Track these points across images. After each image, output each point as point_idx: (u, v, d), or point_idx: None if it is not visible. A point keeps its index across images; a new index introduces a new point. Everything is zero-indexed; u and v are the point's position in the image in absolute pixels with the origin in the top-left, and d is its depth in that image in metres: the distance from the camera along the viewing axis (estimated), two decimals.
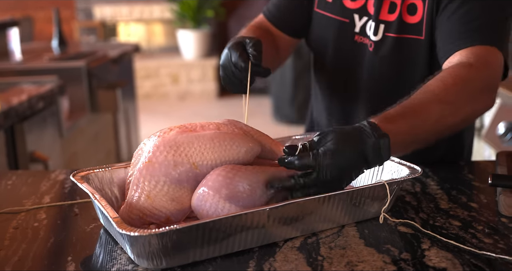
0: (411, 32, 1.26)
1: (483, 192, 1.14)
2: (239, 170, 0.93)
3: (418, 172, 1.02)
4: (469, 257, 0.87)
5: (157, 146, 0.93)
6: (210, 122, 1.01)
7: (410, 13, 1.26)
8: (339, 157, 0.91)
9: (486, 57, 1.15)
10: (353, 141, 0.94)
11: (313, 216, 0.94)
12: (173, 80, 7.25)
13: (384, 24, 1.28)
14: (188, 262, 0.86)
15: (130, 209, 0.92)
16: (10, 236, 0.98)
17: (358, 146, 0.93)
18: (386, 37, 1.27)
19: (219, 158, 0.95)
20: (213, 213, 0.90)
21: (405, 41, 1.26)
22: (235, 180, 0.91)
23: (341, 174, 0.92)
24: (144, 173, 0.91)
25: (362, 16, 1.31)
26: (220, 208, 0.90)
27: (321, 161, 0.91)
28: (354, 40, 1.33)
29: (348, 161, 0.92)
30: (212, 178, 0.91)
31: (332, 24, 1.35)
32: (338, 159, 0.91)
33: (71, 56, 3.35)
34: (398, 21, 1.26)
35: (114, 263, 0.87)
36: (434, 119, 1.05)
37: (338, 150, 0.91)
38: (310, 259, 0.87)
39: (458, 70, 1.12)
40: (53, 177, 1.28)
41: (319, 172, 0.91)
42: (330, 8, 1.35)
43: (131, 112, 3.98)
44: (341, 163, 0.91)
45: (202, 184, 0.92)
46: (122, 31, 7.89)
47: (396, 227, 0.98)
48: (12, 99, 2.15)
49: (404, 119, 1.02)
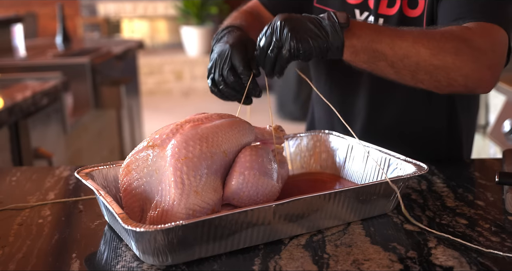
0: (411, 25, 1.24)
1: (489, 190, 1.13)
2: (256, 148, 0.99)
3: (424, 169, 1.01)
4: (476, 256, 0.86)
5: (184, 141, 0.92)
6: (208, 114, 1.01)
7: (411, 7, 1.24)
8: (297, 25, 0.98)
9: (488, 30, 1.08)
10: (309, 17, 1.01)
11: (319, 213, 0.94)
12: (176, 77, 7.25)
13: (384, 18, 1.27)
14: (193, 259, 0.86)
15: (176, 210, 0.88)
16: (15, 232, 0.98)
17: (314, 20, 1.00)
18: None
19: (239, 142, 0.98)
20: (254, 192, 0.94)
21: None
22: (262, 156, 0.97)
23: (300, 35, 0.98)
24: (185, 170, 0.89)
25: (363, 12, 1.30)
26: (260, 185, 0.95)
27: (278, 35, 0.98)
28: None
29: (305, 28, 0.98)
30: (246, 159, 0.95)
31: None
32: (295, 27, 0.98)
33: (75, 52, 3.35)
34: (399, 15, 1.25)
35: (119, 260, 0.87)
36: (409, 39, 1.02)
37: (294, 19, 0.99)
38: (316, 257, 0.87)
39: (454, 27, 1.08)
40: (58, 174, 1.28)
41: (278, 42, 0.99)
42: (331, 3, 1.34)
43: (135, 109, 3.98)
44: (298, 30, 0.98)
45: (238, 167, 0.95)
46: (126, 27, 7.89)
47: (402, 225, 0.98)
48: (16, 95, 2.15)
49: (377, 25, 1.06)
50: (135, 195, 0.95)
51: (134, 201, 0.95)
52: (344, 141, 1.19)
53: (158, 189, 0.92)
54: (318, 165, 1.22)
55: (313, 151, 1.23)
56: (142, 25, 7.96)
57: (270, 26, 1.01)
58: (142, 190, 0.94)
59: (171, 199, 0.88)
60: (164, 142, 0.94)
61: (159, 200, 0.91)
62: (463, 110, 1.35)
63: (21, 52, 3.46)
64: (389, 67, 1.04)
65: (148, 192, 0.94)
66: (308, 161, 1.23)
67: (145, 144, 0.95)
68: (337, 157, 1.20)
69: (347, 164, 1.18)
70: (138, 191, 0.95)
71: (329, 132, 1.23)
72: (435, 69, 1.03)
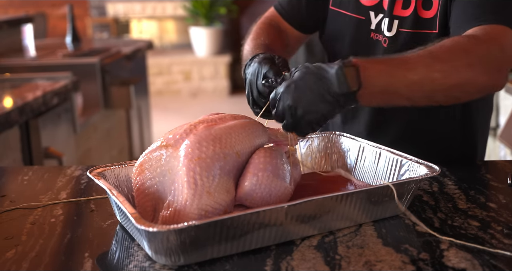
0: (425, 26, 1.24)
1: (501, 192, 1.13)
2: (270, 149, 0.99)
3: (437, 171, 1.01)
4: (488, 258, 0.86)
5: (197, 142, 0.92)
6: (222, 114, 1.01)
7: (425, 8, 1.25)
8: (301, 88, 0.96)
9: (496, 34, 1.10)
10: (316, 69, 0.97)
11: (331, 214, 0.94)
12: (185, 77, 7.26)
13: (398, 19, 1.27)
14: (205, 259, 0.86)
15: (188, 210, 0.88)
16: (28, 231, 0.98)
17: (321, 78, 0.95)
18: (400, 32, 1.27)
19: (253, 144, 0.98)
20: (267, 194, 0.95)
21: (419, 36, 1.25)
22: (275, 157, 0.97)
23: (305, 104, 0.96)
24: (198, 171, 0.89)
25: (378, 14, 1.30)
26: (273, 187, 0.95)
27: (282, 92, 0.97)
28: (370, 37, 1.32)
29: (311, 93, 0.95)
30: (260, 161, 0.96)
31: (348, 22, 1.34)
32: (300, 90, 0.96)
33: (85, 52, 3.36)
34: (413, 16, 1.25)
35: (131, 260, 0.87)
36: (421, 71, 1.01)
37: (300, 79, 0.96)
38: (328, 258, 0.87)
39: (460, 38, 1.09)
40: (69, 173, 1.29)
41: (280, 100, 0.97)
42: (346, 5, 1.34)
43: (144, 109, 3.99)
44: (303, 94, 0.95)
45: (252, 168, 0.95)
46: (135, 28, 7.91)
47: (414, 227, 0.97)
48: (27, 95, 2.16)
49: (385, 62, 1.01)
50: (148, 194, 0.95)
51: (147, 200, 0.95)
52: (355, 142, 1.19)
53: (171, 189, 0.92)
54: (329, 166, 1.22)
55: (324, 152, 1.23)
56: (151, 25, 7.98)
57: (282, 104, 0.98)
58: (155, 190, 0.95)
59: (184, 199, 0.89)
60: (177, 142, 0.95)
61: (172, 200, 0.91)
62: (477, 110, 1.35)
63: (31, 52, 3.48)
64: (405, 101, 1.05)
65: (161, 191, 0.94)
66: (319, 162, 1.23)
67: (159, 144, 0.96)
68: (348, 158, 1.20)
69: (358, 165, 1.18)
70: (151, 190, 0.95)
71: (340, 133, 1.23)
72: (450, 89, 1.04)
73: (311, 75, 0.97)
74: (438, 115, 1.33)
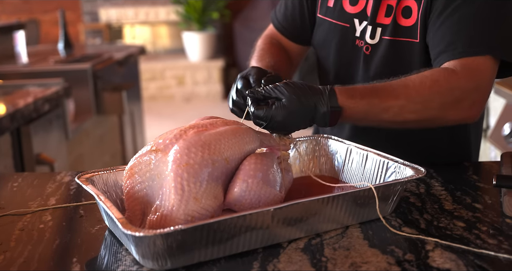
0: (406, 35, 1.26)
1: (487, 193, 1.14)
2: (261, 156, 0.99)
3: (422, 172, 1.02)
4: (473, 258, 0.87)
5: (186, 148, 0.92)
6: (214, 120, 1.02)
7: (404, 16, 1.26)
8: (290, 118, 1.04)
9: (474, 69, 1.15)
10: (306, 106, 1.05)
11: (317, 216, 0.95)
12: (178, 82, 7.26)
13: (381, 27, 1.28)
14: (192, 263, 0.86)
15: (175, 216, 0.89)
16: (16, 237, 0.98)
17: (309, 113, 1.06)
18: (382, 40, 1.28)
19: (242, 150, 0.98)
20: (256, 200, 0.95)
21: (400, 44, 1.27)
22: (266, 164, 0.98)
23: (287, 126, 1.06)
24: (186, 176, 0.90)
25: (362, 21, 1.32)
26: (262, 194, 0.95)
27: (272, 116, 1.04)
28: (355, 45, 1.34)
29: (296, 120, 1.05)
30: (250, 167, 0.96)
31: (333, 29, 1.37)
32: (288, 119, 1.04)
33: (77, 58, 3.37)
34: (393, 24, 1.27)
35: (119, 265, 0.88)
36: (393, 111, 1.12)
37: (290, 112, 1.04)
38: (314, 260, 0.87)
39: (440, 75, 1.15)
40: (59, 179, 1.29)
41: (268, 122, 1.05)
42: (331, 13, 1.36)
43: (137, 114, 3.99)
44: (289, 121, 1.05)
45: (242, 175, 0.95)
46: (128, 33, 7.91)
47: (401, 228, 0.98)
48: (18, 101, 2.17)
49: (364, 100, 1.11)
50: (137, 198, 0.96)
51: (136, 204, 0.96)
52: (342, 144, 1.20)
53: (159, 193, 0.93)
54: (318, 169, 1.23)
55: (312, 155, 1.24)
56: (143, 30, 7.98)
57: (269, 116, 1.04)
58: (144, 194, 0.96)
59: (171, 204, 0.89)
60: (167, 147, 0.95)
61: (159, 205, 0.91)
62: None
63: (23, 59, 3.48)
64: (376, 125, 1.19)
65: (150, 195, 0.95)
66: (307, 165, 1.23)
67: (149, 148, 0.97)
68: (336, 160, 1.21)
69: (346, 167, 1.19)
70: (140, 194, 0.96)
71: (328, 136, 1.24)
72: (421, 122, 1.18)
73: (303, 108, 1.05)
74: None
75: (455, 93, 1.14)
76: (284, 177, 1.03)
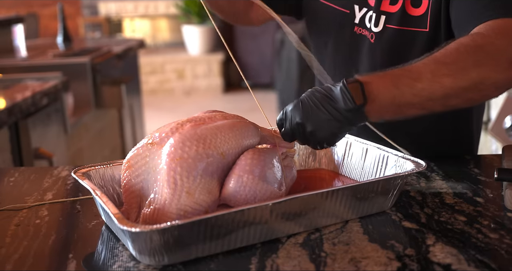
0: (415, 24, 1.23)
1: (489, 186, 1.13)
2: (259, 151, 0.97)
3: (423, 166, 1.01)
4: (474, 253, 0.86)
5: (181, 141, 0.91)
6: (213, 113, 1.00)
7: (414, 6, 1.23)
8: (310, 115, 0.95)
9: (502, 28, 1.05)
10: (321, 93, 0.96)
11: (317, 211, 0.93)
12: (178, 76, 7.25)
13: (386, 15, 1.26)
14: (190, 259, 0.85)
15: (167, 210, 0.88)
16: (12, 233, 0.97)
17: (327, 100, 0.95)
18: (387, 28, 1.26)
19: (240, 145, 0.96)
20: (251, 197, 0.93)
21: (408, 34, 1.24)
22: (264, 159, 0.95)
23: (313, 121, 0.96)
24: (179, 170, 0.88)
25: (362, 7, 1.30)
26: (258, 190, 0.93)
27: (290, 118, 0.97)
28: (354, 31, 1.31)
29: (319, 116, 0.95)
30: (246, 162, 0.93)
31: (333, 14, 1.34)
32: (308, 117, 0.95)
33: (76, 52, 3.35)
34: (401, 13, 1.24)
35: (115, 260, 0.87)
36: (427, 78, 0.97)
37: (305, 107, 0.96)
38: (313, 255, 0.86)
39: (464, 39, 1.03)
40: (56, 174, 1.28)
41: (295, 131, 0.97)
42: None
43: (136, 108, 3.98)
44: (312, 119, 0.95)
45: (238, 170, 0.93)
46: (127, 27, 7.89)
47: (401, 222, 0.97)
48: (16, 96, 2.15)
49: (388, 74, 0.98)
50: (133, 191, 0.95)
51: (132, 197, 0.96)
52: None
53: (154, 186, 0.92)
54: (317, 163, 1.22)
55: (311, 149, 1.22)
56: (143, 24, 7.96)
57: (289, 122, 0.98)
58: (140, 187, 0.95)
59: (163, 198, 0.88)
60: (162, 140, 0.94)
61: (153, 198, 0.91)
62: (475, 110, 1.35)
63: (22, 53, 3.46)
64: (419, 110, 1.00)
65: (145, 189, 0.94)
66: (307, 159, 1.22)
67: (145, 141, 0.96)
68: (335, 154, 1.20)
69: (345, 161, 1.17)
70: (137, 187, 0.95)
71: None
72: (464, 91, 0.99)
73: (317, 93, 0.96)
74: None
75: (487, 49, 1.00)
76: (286, 174, 1.01)
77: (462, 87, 0.98)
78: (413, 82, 0.97)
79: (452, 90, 0.98)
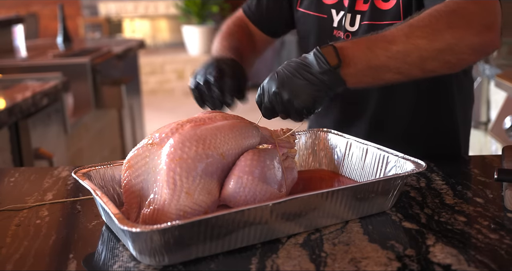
0: (387, 18, 1.23)
1: (489, 187, 1.13)
2: (260, 152, 0.96)
3: (423, 166, 1.01)
4: (474, 253, 0.86)
5: (181, 142, 0.91)
6: (214, 114, 1.00)
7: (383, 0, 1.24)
8: (287, 83, 0.97)
9: None
10: (296, 63, 0.98)
11: (317, 211, 0.93)
12: (178, 76, 7.25)
13: (360, 14, 1.27)
14: (190, 259, 0.85)
15: (167, 210, 0.88)
16: (12, 233, 0.97)
17: (302, 67, 0.97)
18: (361, 26, 1.27)
19: (240, 145, 0.96)
20: (251, 198, 0.92)
21: (383, 28, 1.24)
22: (264, 160, 0.95)
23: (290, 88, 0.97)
24: (178, 171, 0.89)
25: (339, 11, 1.32)
26: (258, 191, 0.93)
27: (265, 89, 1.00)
28: (333, 35, 1.33)
29: (297, 82, 0.97)
30: (246, 163, 0.93)
31: (312, 21, 1.37)
32: (286, 85, 0.97)
33: (76, 52, 3.35)
34: (371, 9, 1.25)
35: (116, 260, 0.87)
36: (401, 40, 0.98)
37: (281, 76, 0.98)
38: (313, 255, 0.86)
39: (437, 6, 1.03)
40: (56, 174, 1.28)
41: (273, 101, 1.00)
42: (309, 5, 1.37)
43: (136, 109, 3.98)
44: (289, 87, 0.97)
45: (237, 171, 0.93)
46: (127, 27, 7.89)
47: (401, 223, 0.97)
48: (16, 96, 2.15)
49: (363, 39, 1.00)
50: (133, 191, 0.95)
51: (132, 197, 0.96)
52: (342, 138, 1.19)
53: (153, 186, 0.92)
54: (317, 163, 1.22)
55: (311, 149, 1.22)
56: (143, 24, 7.96)
57: (267, 94, 1.00)
58: (140, 187, 0.95)
59: (163, 198, 0.88)
60: (162, 140, 0.94)
61: (153, 198, 0.91)
62: (459, 106, 1.35)
63: (22, 53, 3.46)
64: (396, 75, 1.02)
65: (145, 189, 0.94)
66: (307, 159, 1.22)
67: (146, 141, 0.97)
68: (335, 154, 1.20)
69: (345, 161, 1.18)
70: (137, 187, 0.95)
71: (328, 130, 1.23)
72: (440, 53, 1.00)
73: (292, 63, 0.99)
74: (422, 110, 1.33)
75: (460, 13, 1.00)
76: (286, 176, 1.01)
77: (437, 48, 0.99)
78: (388, 45, 0.99)
79: (427, 52, 0.99)
